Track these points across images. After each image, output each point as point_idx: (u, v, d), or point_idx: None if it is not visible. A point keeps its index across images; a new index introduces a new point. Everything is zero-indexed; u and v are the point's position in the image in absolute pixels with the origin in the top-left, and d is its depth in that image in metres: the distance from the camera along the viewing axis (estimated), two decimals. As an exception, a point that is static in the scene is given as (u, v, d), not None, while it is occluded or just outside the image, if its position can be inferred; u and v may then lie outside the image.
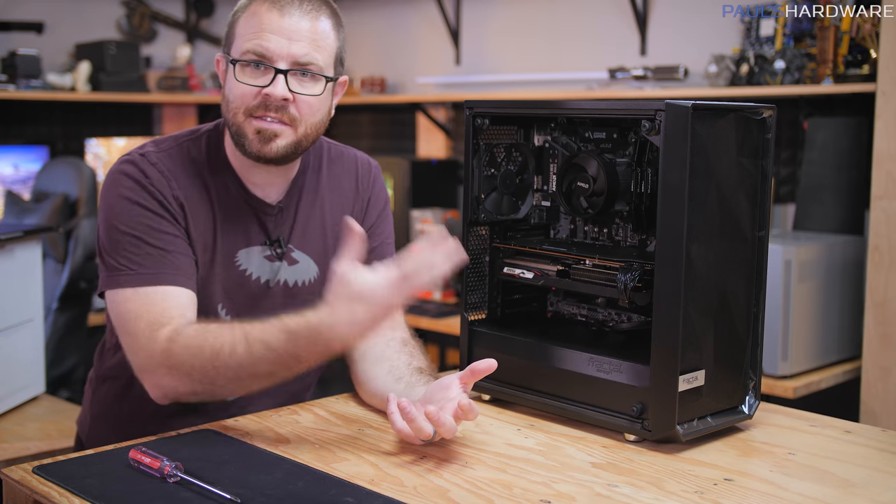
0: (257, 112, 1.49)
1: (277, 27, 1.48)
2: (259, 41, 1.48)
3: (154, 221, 1.49)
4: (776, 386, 2.48)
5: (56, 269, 3.10)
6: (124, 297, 1.46)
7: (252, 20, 1.50)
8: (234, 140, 1.54)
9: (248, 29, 1.50)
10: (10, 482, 1.26)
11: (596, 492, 1.22)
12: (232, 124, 1.52)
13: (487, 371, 1.38)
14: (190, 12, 4.51)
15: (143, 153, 1.55)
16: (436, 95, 3.97)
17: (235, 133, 1.52)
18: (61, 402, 2.45)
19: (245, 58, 1.49)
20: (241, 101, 1.50)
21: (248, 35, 1.49)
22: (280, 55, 1.48)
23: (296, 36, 1.49)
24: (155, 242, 1.48)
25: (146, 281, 1.46)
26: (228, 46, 1.54)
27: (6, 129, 3.97)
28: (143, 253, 1.47)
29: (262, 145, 1.50)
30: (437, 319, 3.32)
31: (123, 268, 1.47)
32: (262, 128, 1.50)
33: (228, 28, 1.55)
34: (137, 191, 1.50)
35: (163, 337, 1.41)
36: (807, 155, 2.89)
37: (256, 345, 1.35)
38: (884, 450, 1.39)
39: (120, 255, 1.48)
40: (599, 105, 1.49)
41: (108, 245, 1.50)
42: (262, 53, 1.48)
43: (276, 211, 1.60)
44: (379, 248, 1.72)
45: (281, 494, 1.18)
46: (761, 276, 1.45)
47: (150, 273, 1.46)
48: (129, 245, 1.48)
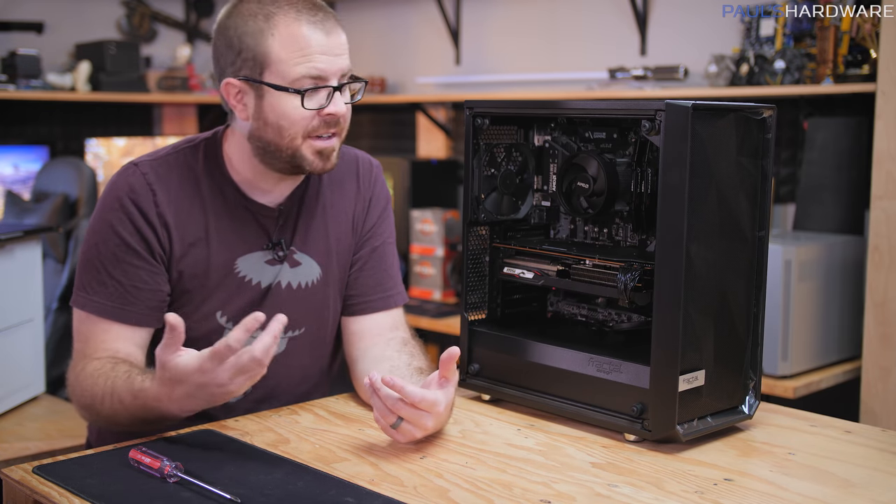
0: (316, 132, 1.50)
1: (326, 47, 1.48)
2: (313, 65, 1.47)
3: (121, 251, 1.53)
4: (776, 386, 2.48)
5: (56, 269, 3.10)
6: (78, 317, 1.57)
7: (293, 43, 1.46)
8: (286, 161, 1.52)
9: (290, 53, 1.46)
10: (10, 482, 1.26)
11: (596, 492, 1.22)
12: (286, 148, 1.50)
13: (453, 358, 1.35)
14: (190, 12, 4.50)
15: (136, 163, 1.57)
16: (436, 95, 3.97)
17: (290, 156, 1.51)
18: (61, 402, 2.45)
19: (302, 84, 1.47)
20: (301, 126, 1.49)
21: (293, 60, 1.46)
22: (333, 73, 1.50)
23: (339, 50, 1.51)
24: (114, 274, 1.53)
25: (96, 310, 1.53)
26: (257, 71, 1.48)
27: (6, 129, 3.97)
28: (100, 282, 1.53)
29: (325, 163, 1.53)
30: (437, 319, 3.32)
31: (82, 289, 1.55)
32: (323, 148, 1.51)
33: (245, 51, 1.48)
34: (117, 214, 1.53)
35: (77, 368, 1.51)
36: (807, 155, 2.89)
37: (115, 400, 1.41)
38: (884, 450, 1.39)
39: (85, 274, 1.55)
40: (599, 105, 1.49)
41: (81, 258, 1.57)
42: (319, 76, 1.48)
43: (276, 214, 1.60)
44: (381, 248, 1.71)
45: (281, 494, 1.18)
46: (761, 276, 1.45)
47: (100, 304, 1.53)
48: (93, 269, 1.54)
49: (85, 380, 1.47)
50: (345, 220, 1.68)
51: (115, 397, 1.41)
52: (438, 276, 3.58)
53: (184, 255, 1.54)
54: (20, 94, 3.68)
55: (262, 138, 1.51)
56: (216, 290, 1.56)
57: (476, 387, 1.60)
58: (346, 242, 1.68)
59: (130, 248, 1.52)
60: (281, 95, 1.47)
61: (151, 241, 1.53)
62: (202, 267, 1.55)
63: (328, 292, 1.66)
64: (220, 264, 1.56)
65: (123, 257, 1.53)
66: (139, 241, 1.53)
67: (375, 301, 1.69)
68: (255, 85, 1.49)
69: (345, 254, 1.68)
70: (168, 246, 1.54)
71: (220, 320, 1.57)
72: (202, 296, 1.56)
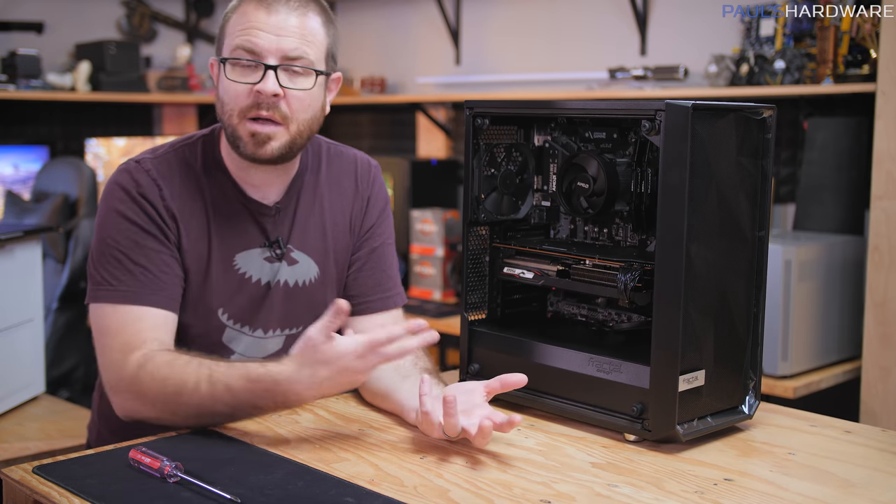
0: (251, 112, 1.50)
1: (265, 24, 1.49)
2: (247, 37, 1.49)
3: (140, 237, 1.51)
4: (776, 386, 2.48)
5: (56, 269, 3.10)
6: (103, 312, 1.49)
7: (240, 19, 1.51)
8: (230, 142, 1.54)
9: (236, 28, 1.51)
10: (10, 482, 1.26)
11: (596, 492, 1.22)
12: (227, 126, 1.53)
13: (517, 385, 1.40)
14: (190, 12, 4.50)
15: (138, 160, 1.56)
16: (436, 95, 3.97)
17: (231, 135, 1.53)
18: (61, 402, 2.45)
19: (235, 55, 1.49)
20: (235, 103, 1.50)
21: (236, 33, 1.50)
22: (269, 51, 1.49)
23: (284, 32, 1.49)
24: (139, 260, 1.50)
25: (124, 299, 1.48)
26: (220, 48, 1.54)
27: (6, 129, 3.97)
28: (126, 270, 1.49)
29: (257, 148, 1.51)
30: (437, 319, 3.32)
31: (105, 283, 1.49)
32: (255, 131, 1.50)
33: (219, 31, 1.56)
34: (128, 204, 1.52)
35: (133, 362, 1.43)
36: (807, 155, 2.89)
37: (219, 386, 1.37)
38: (884, 450, 1.39)
39: (104, 270, 1.50)
40: (599, 105, 1.49)
41: (96, 256, 1.52)
42: (251, 49, 1.48)
43: (274, 212, 1.60)
44: (380, 249, 1.71)
45: (281, 494, 1.18)
46: (761, 276, 1.45)
47: (129, 291, 1.48)
48: (114, 260, 1.50)
49: (161, 369, 1.40)
50: (342, 220, 1.68)
51: (216, 384, 1.37)
52: (438, 276, 3.58)
53: (189, 250, 1.55)
54: (20, 94, 3.68)
55: (219, 118, 1.55)
56: (217, 286, 1.56)
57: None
58: (344, 242, 1.68)
59: (150, 234, 1.51)
60: (221, 68, 1.52)
61: (165, 230, 1.52)
62: (204, 262, 1.56)
63: (326, 291, 1.66)
64: (220, 260, 1.56)
65: (144, 243, 1.51)
66: (155, 228, 1.52)
67: (375, 302, 1.69)
68: (218, 62, 1.54)
69: (342, 253, 1.68)
70: (177, 238, 1.54)
71: (221, 317, 1.57)
72: (203, 291, 1.56)
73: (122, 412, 1.47)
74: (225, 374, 1.38)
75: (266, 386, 1.35)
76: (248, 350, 1.61)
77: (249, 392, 1.36)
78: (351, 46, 4.35)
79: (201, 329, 1.57)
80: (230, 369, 1.38)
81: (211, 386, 1.38)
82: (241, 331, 1.60)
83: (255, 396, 1.37)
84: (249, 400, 1.37)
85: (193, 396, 1.38)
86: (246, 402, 1.38)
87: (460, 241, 2.67)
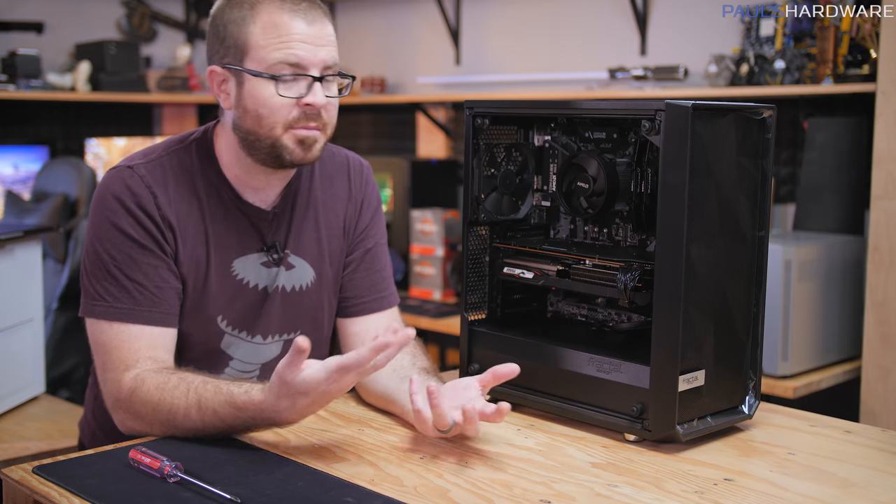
0: (298, 124, 1.48)
1: (305, 35, 1.46)
2: (291, 51, 1.45)
3: (136, 252, 1.49)
4: (776, 386, 2.48)
5: (56, 269, 3.10)
6: (100, 328, 1.48)
7: (273, 30, 1.45)
8: (266, 151, 1.50)
9: (269, 39, 1.45)
10: (10, 482, 1.26)
11: (596, 492, 1.22)
12: (266, 138, 1.48)
13: (509, 376, 1.40)
14: (190, 12, 4.50)
15: (131, 165, 1.53)
16: (436, 95, 3.97)
17: (269, 146, 1.49)
18: (61, 402, 2.45)
19: (276, 70, 1.45)
20: (279, 115, 1.47)
21: (272, 46, 1.45)
22: (313, 63, 1.47)
23: (320, 41, 1.47)
24: (134, 276, 1.48)
25: (120, 316, 1.47)
26: (238, 58, 1.48)
27: (6, 129, 3.97)
28: (121, 286, 1.48)
29: (305, 153, 1.50)
30: (437, 319, 3.32)
31: (100, 298, 1.48)
32: (304, 137, 1.48)
33: (229, 38, 1.48)
34: (123, 215, 1.49)
35: (127, 382, 1.43)
36: (807, 155, 2.89)
37: (208, 413, 1.36)
38: (884, 450, 1.39)
39: (98, 284, 1.49)
40: (599, 105, 1.49)
41: (90, 268, 1.50)
42: (297, 63, 1.46)
43: (270, 217, 1.59)
44: (374, 250, 1.71)
45: (281, 494, 1.18)
46: (761, 276, 1.45)
47: (124, 308, 1.47)
48: (108, 276, 1.48)
49: (152, 394, 1.39)
50: (336, 222, 1.67)
51: (205, 411, 1.36)
52: (438, 276, 3.58)
53: (187, 258, 1.53)
54: (20, 94, 3.68)
55: (241, 127, 1.50)
56: (215, 293, 1.55)
57: (476, 387, 1.60)
58: (338, 245, 1.67)
59: (145, 249, 1.49)
60: (258, 82, 1.46)
61: (161, 241, 1.50)
62: (202, 270, 1.54)
63: (322, 294, 1.65)
64: (218, 266, 1.55)
65: (140, 258, 1.48)
66: (151, 241, 1.49)
67: (370, 302, 1.69)
68: (236, 72, 1.48)
69: (337, 255, 1.67)
70: (174, 247, 1.51)
71: (220, 324, 1.57)
72: (202, 299, 1.55)
73: (123, 429, 1.46)
74: (212, 400, 1.36)
75: (251, 414, 1.34)
76: (246, 356, 1.61)
77: (237, 418, 1.36)
78: (351, 46, 4.35)
79: (200, 336, 1.56)
80: (216, 395, 1.36)
81: (200, 413, 1.37)
82: (240, 337, 1.59)
83: (244, 422, 1.36)
84: (240, 424, 1.36)
85: (186, 422, 1.38)
86: (237, 425, 1.37)
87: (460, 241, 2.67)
